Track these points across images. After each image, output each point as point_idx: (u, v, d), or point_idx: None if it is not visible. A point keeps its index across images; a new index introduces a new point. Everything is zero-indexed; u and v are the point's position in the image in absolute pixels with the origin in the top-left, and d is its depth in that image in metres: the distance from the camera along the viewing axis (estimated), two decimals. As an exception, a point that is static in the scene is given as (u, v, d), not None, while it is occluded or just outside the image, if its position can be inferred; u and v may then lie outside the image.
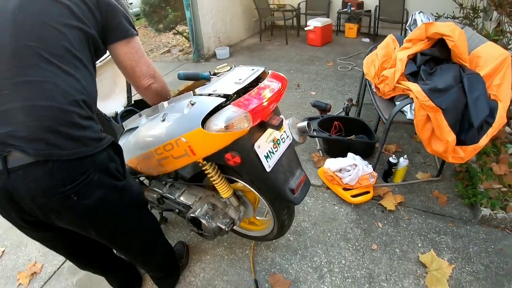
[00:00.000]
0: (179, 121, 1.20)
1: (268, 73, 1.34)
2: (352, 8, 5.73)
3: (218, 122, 1.10)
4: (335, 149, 2.65)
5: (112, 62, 2.21)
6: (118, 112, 2.11)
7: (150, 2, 5.12)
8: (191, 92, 1.24)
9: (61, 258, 2.14)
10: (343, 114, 3.13)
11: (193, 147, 1.20)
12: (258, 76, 1.28)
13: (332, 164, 2.37)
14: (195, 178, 1.72)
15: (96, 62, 2.04)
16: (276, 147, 1.33)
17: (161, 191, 1.81)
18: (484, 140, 1.91)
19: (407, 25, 2.88)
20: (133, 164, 1.61)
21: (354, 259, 1.90)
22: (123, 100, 2.25)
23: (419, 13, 2.82)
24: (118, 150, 1.16)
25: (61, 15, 0.98)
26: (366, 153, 2.63)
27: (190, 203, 1.68)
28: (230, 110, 1.11)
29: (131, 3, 9.05)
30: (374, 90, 2.62)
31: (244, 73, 1.26)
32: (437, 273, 1.77)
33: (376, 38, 5.66)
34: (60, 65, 0.96)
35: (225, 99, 1.14)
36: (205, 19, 5.21)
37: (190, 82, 1.74)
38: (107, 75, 2.18)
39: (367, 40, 5.73)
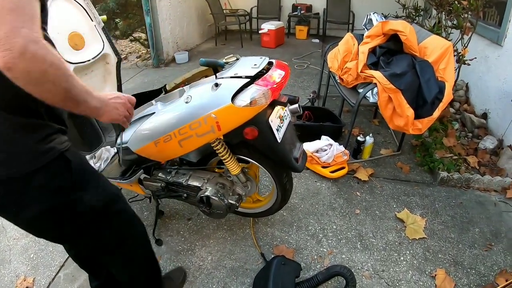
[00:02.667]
0: (208, 100, 1.38)
1: (271, 62, 1.57)
2: (302, 11, 6.13)
3: (245, 98, 1.30)
4: (308, 135, 2.92)
5: (102, 60, 2.31)
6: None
7: (108, 9, 5.07)
8: (213, 76, 1.42)
9: (54, 268, 2.05)
10: (309, 104, 3.43)
11: (220, 122, 1.38)
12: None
13: (310, 146, 2.65)
14: (199, 162, 1.88)
15: (89, 59, 2.12)
16: (282, 122, 1.56)
17: (167, 179, 1.93)
18: (436, 113, 2.30)
19: (363, 24, 3.26)
20: (145, 151, 1.72)
21: (343, 223, 2.17)
22: (114, 99, 2.32)
23: (373, 13, 3.22)
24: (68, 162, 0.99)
25: None
26: (335, 136, 2.94)
27: (199, 185, 1.82)
28: (254, 88, 1.31)
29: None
30: (338, 81, 2.95)
31: (256, 60, 1.48)
32: (414, 226, 2.10)
33: (325, 39, 6.11)
34: None
35: (248, 80, 1.34)
36: (164, 25, 5.29)
37: (188, 75, 1.90)
38: (97, 72, 2.25)
39: (317, 40, 6.16)
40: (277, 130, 1.50)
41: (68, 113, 2.52)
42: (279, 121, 1.54)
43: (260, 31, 5.95)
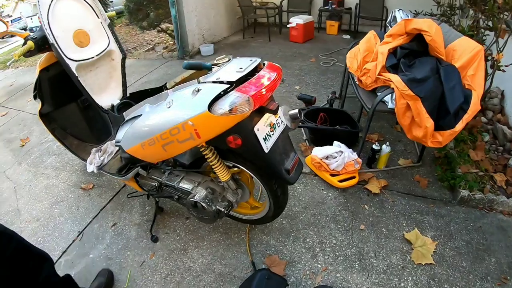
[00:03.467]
0: (186, 106, 1.30)
1: (264, 64, 1.46)
2: (333, 6, 5.90)
3: (223, 106, 1.20)
4: (321, 139, 2.78)
5: (108, 56, 2.30)
6: (115, 105, 2.18)
7: (135, 0, 5.13)
8: (195, 80, 1.33)
9: (57, 253, 2.18)
10: (327, 106, 3.27)
11: (198, 130, 1.30)
12: (255, 66, 1.40)
13: (319, 151, 2.51)
14: (193, 165, 1.82)
15: (93, 56, 2.13)
16: (273, 130, 1.45)
17: (160, 179, 1.89)
18: (460, 125, 2.07)
19: (387, 21, 3.04)
20: (135, 152, 1.69)
21: (344, 238, 2.03)
22: (119, 93, 2.32)
23: (398, 10, 2.99)
24: None
25: None
26: (350, 142, 2.77)
27: (189, 188, 1.77)
28: (234, 95, 1.21)
29: (112, 1, 8.94)
30: (357, 82, 2.77)
31: (244, 63, 1.37)
32: (422, 249, 1.92)
33: (357, 35, 5.84)
34: None
35: (229, 86, 1.25)
36: (190, 16, 5.27)
37: (187, 74, 1.83)
38: (103, 68, 2.26)
39: (348, 37, 5.91)
40: (265, 139, 1.39)
41: (80, 106, 2.58)
42: (269, 129, 1.43)
43: (288, 25, 5.79)
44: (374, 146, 2.51)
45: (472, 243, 1.97)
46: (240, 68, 1.31)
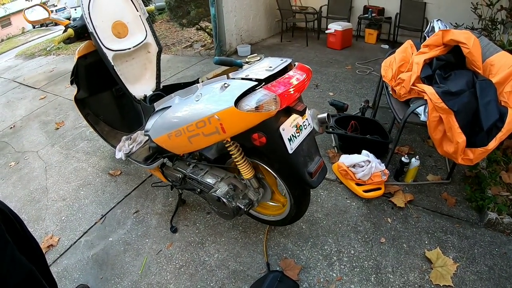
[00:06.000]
0: (214, 100, 1.32)
1: (294, 65, 1.45)
2: (373, 14, 5.77)
3: (250, 102, 1.21)
4: (350, 147, 2.73)
5: (144, 48, 2.38)
6: (147, 95, 2.25)
7: (176, -3, 5.28)
8: (225, 75, 1.35)
9: (78, 233, 2.28)
10: (359, 114, 3.21)
11: (224, 124, 1.31)
12: (285, 66, 1.39)
13: (346, 159, 2.47)
14: (218, 160, 1.84)
15: (130, 47, 2.21)
16: (299, 132, 1.44)
17: (185, 171, 1.93)
18: (493, 144, 1.97)
19: (424, 32, 2.95)
20: (162, 142, 1.73)
21: (363, 250, 1.98)
22: (152, 85, 2.38)
23: (437, 20, 2.89)
24: None
25: None
26: (379, 152, 2.70)
27: (212, 183, 1.79)
28: (262, 93, 1.22)
29: (153, -3, 9.26)
30: (391, 92, 2.69)
31: (274, 62, 1.37)
32: (442, 269, 1.83)
33: (396, 45, 5.68)
34: None
35: (257, 83, 1.25)
36: (228, 16, 5.34)
37: (220, 71, 1.85)
38: (138, 59, 2.33)
39: (386, 46, 5.77)
40: (290, 140, 1.38)
41: (114, 95, 2.67)
42: (295, 130, 1.42)
43: (326, 31, 5.73)
44: (403, 159, 2.43)
45: (495, 269, 1.86)
46: (270, 67, 1.31)
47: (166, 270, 1.95)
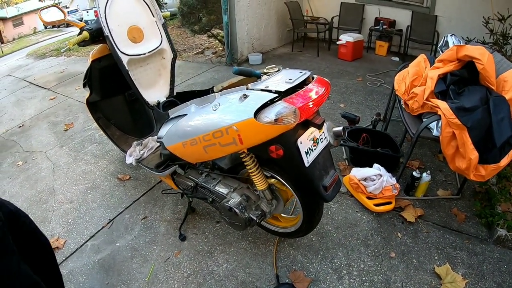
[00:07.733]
0: (232, 110, 1.32)
1: (313, 78, 1.45)
2: (384, 26, 5.78)
3: (269, 114, 1.21)
4: (361, 160, 2.72)
5: (159, 54, 2.39)
6: (161, 102, 2.25)
7: (189, 4, 5.30)
8: (244, 86, 1.35)
9: (85, 236, 2.27)
10: (370, 127, 3.20)
11: (242, 135, 1.31)
12: (304, 79, 1.39)
13: (358, 172, 2.45)
14: (231, 170, 1.83)
15: (145, 52, 2.22)
16: (315, 145, 1.43)
17: (197, 180, 1.92)
18: (505, 161, 1.97)
19: (438, 46, 2.94)
20: (176, 149, 1.73)
21: (372, 264, 1.96)
22: (166, 91, 2.39)
23: (451, 35, 2.89)
24: None
25: None
26: (390, 166, 2.69)
27: (225, 193, 1.78)
28: (281, 105, 1.21)
29: (166, 3, 9.34)
30: (403, 106, 2.69)
31: (293, 74, 1.37)
32: (451, 286, 1.81)
33: (406, 58, 5.69)
34: None
35: (277, 95, 1.25)
36: (241, 25, 5.37)
37: (235, 80, 1.85)
38: (153, 65, 2.34)
39: (397, 59, 5.77)
40: (307, 153, 1.38)
41: (127, 99, 2.67)
42: (312, 143, 1.42)
43: (338, 42, 5.75)
44: (414, 173, 2.41)
45: (503, 286, 1.83)
46: (290, 79, 1.31)
47: (173, 279, 1.94)
